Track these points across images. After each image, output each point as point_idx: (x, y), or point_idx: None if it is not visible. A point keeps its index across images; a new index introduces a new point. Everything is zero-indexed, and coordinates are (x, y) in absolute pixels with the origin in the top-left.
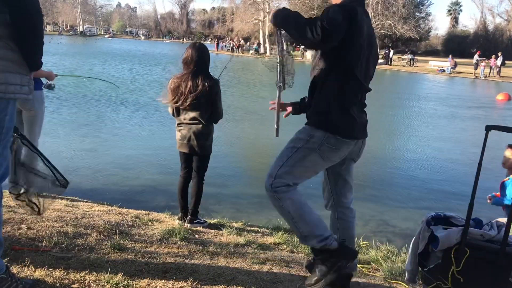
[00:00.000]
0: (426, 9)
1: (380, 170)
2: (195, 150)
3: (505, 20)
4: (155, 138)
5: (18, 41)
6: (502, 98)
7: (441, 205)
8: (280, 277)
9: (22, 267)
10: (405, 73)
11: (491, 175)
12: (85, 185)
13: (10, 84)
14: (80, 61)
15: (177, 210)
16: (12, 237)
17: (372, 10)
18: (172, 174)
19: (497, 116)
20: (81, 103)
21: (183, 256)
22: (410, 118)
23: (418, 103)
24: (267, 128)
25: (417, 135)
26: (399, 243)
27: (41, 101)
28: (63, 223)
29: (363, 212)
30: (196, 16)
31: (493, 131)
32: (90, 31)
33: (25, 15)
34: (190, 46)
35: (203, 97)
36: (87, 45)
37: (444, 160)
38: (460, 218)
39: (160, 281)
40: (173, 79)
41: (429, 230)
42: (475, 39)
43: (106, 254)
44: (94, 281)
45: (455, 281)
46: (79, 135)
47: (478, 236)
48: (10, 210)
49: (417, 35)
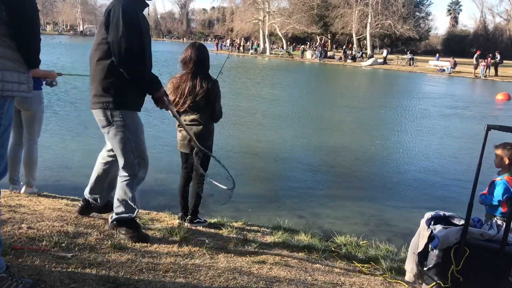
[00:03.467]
0: (426, 9)
1: (380, 170)
2: (195, 150)
3: (505, 19)
4: (155, 138)
5: (15, 39)
6: (502, 98)
7: (441, 205)
8: (280, 277)
9: (22, 266)
10: (404, 73)
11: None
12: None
13: (6, 81)
14: None
15: (177, 209)
16: (13, 236)
17: (372, 9)
18: (172, 174)
19: (497, 116)
20: (81, 104)
21: (183, 255)
22: (409, 118)
23: (418, 103)
24: (267, 128)
25: (416, 134)
26: (399, 242)
27: (39, 101)
28: (64, 222)
29: (363, 212)
30: (196, 16)
31: (493, 131)
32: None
33: (21, 12)
34: (190, 46)
35: (202, 98)
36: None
37: (444, 159)
38: (460, 218)
39: (160, 280)
40: (172, 79)
41: (428, 230)
42: (475, 39)
43: (107, 254)
44: (94, 281)
45: (454, 281)
46: (80, 135)
47: (477, 236)
48: (10, 209)
49: (417, 34)
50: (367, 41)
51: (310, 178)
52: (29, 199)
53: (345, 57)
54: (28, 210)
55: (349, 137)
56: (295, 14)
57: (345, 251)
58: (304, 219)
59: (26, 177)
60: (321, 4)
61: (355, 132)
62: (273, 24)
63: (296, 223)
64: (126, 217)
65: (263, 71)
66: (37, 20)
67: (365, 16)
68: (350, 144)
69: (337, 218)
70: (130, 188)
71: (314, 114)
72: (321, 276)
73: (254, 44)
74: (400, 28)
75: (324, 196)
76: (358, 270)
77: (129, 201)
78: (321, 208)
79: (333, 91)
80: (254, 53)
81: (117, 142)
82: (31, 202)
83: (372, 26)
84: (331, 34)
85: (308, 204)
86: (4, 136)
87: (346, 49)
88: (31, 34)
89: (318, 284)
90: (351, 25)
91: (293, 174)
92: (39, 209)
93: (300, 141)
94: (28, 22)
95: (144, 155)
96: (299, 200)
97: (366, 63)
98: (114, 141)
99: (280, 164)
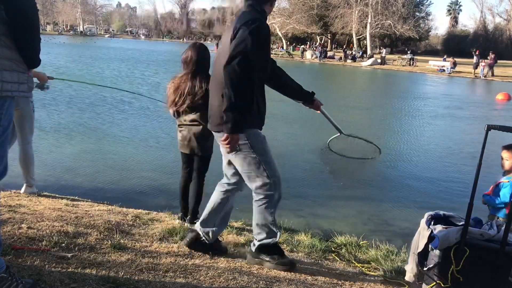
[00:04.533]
0: (426, 9)
1: (380, 170)
2: (195, 151)
3: (504, 19)
4: (155, 138)
5: (14, 38)
6: (502, 97)
7: (441, 205)
8: (280, 277)
9: (22, 266)
10: (404, 73)
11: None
12: (85, 184)
13: (6, 82)
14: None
15: (177, 209)
16: (13, 236)
17: (372, 10)
18: (172, 174)
19: (497, 116)
20: (82, 103)
21: (183, 255)
22: (409, 118)
23: (418, 103)
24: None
25: (416, 134)
26: (399, 242)
27: (26, 100)
28: (64, 222)
29: (363, 212)
30: (196, 16)
31: (493, 131)
32: (90, 31)
33: (20, 12)
34: (190, 46)
35: (201, 98)
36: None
37: (444, 159)
38: (460, 218)
39: (160, 280)
40: (172, 80)
41: (428, 230)
42: (475, 39)
43: (107, 254)
44: (94, 281)
45: (454, 281)
46: (80, 135)
47: (477, 236)
48: (10, 209)
49: (417, 34)
50: (367, 41)
51: (310, 178)
52: (29, 199)
53: (345, 57)
54: (28, 210)
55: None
56: (295, 14)
57: (345, 251)
58: (304, 219)
59: (25, 177)
60: (321, 4)
61: (355, 132)
62: (273, 24)
63: (296, 223)
64: (269, 242)
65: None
66: (36, 19)
67: (365, 16)
68: (350, 144)
69: (337, 218)
70: (268, 211)
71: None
72: (321, 276)
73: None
74: (400, 28)
75: (324, 196)
76: (358, 270)
77: (270, 225)
78: (321, 208)
79: (333, 91)
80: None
81: (247, 165)
82: (31, 202)
83: (372, 26)
84: (331, 34)
85: (308, 204)
86: (4, 136)
87: (346, 49)
88: (30, 33)
89: (318, 284)
90: (351, 25)
91: (293, 174)
92: (39, 209)
93: (300, 140)
94: (27, 22)
95: (277, 174)
96: (299, 200)
97: (366, 63)
98: (244, 165)
99: (279, 164)
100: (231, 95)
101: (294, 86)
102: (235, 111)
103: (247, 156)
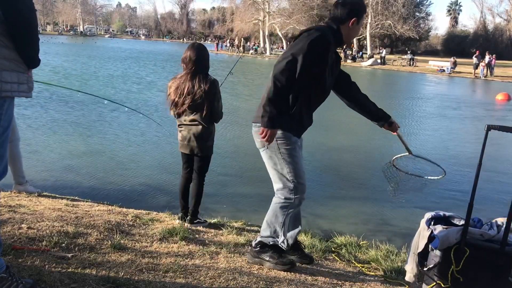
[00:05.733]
0: (426, 9)
1: (380, 170)
2: (195, 151)
3: (504, 20)
4: (155, 138)
5: (12, 38)
6: (502, 98)
7: (441, 205)
8: (280, 277)
9: (22, 266)
10: (405, 73)
11: (491, 175)
12: (85, 184)
13: (5, 82)
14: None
15: (177, 209)
16: (13, 236)
17: (372, 10)
18: (172, 174)
19: (497, 116)
20: (82, 104)
21: (183, 256)
22: (409, 118)
23: (418, 103)
24: None
25: (416, 134)
26: (399, 242)
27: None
28: (64, 222)
29: (363, 212)
30: (196, 16)
31: (493, 131)
32: (90, 31)
33: (17, 11)
34: (189, 46)
35: (200, 98)
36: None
37: (444, 159)
38: (460, 218)
39: (160, 281)
40: (172, 80)
41: (428, 230)
42: (475, 39)
43: (107, 254)
44: (95, 281)
45: (454, 281)
46: (80, 135)
47: (477, 236)
48: (10, 209)
49: (417, 35)
50: (367, 41)
51: (309, 178)
52: (29, 199)
53: (345, 57)
54: (28, 210)
55: (349, 137)
56: (295, 14)
57: (345, 251)
58: (304, 219)
59: (14, 176)
60: (321, 4)
61: (355, 132)
62: (273, 24)
63: None
64: (269, 241)
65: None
66: (34, 19)
67: (365, 16)
68: (350, 144)
69: (337, 218)
70: (282, 212)
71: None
72: (321, 276)
73: (254, 44)
74: (400, 28)
75: (324, 196)
76: (358, 270)
77: (277, 226)
78: (321, 208)
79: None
80: (254, 53)
81: (273, 165)
82: (31, 202)
83: (372, 26)
84: None
85: (308, 204)
86: (4, 136)
87: (346, 49)
88: (27, 33)
89: (318, 284)
90: None
91: None
92: (39, 209)
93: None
94: (25, 22)
95: (301, 181)
96: None
97: (366, 63)
98: (270, 164)
99: None
100: (273, 91)
101: (370, 107)
102: (273, 106)
103: (273, 156)
